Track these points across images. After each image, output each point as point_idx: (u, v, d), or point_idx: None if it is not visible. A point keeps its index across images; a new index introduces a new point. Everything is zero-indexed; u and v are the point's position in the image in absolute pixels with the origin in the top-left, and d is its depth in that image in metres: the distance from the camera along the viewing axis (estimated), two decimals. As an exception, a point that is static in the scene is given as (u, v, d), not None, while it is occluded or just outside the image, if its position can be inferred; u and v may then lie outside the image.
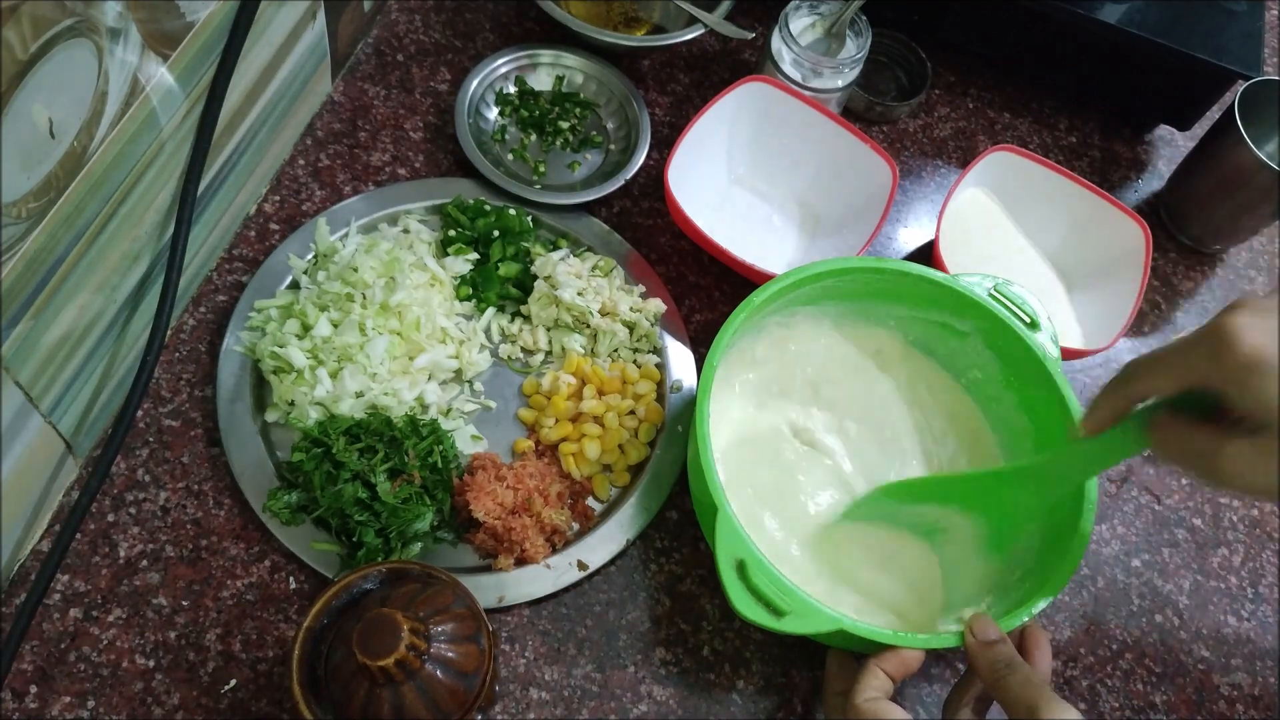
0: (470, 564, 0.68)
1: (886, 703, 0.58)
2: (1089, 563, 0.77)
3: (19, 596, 0.63)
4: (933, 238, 0.81)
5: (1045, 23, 0.91)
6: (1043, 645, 0.62)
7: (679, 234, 0.84)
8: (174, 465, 0.69)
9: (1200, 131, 0.94)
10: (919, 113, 0.97)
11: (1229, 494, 0.81)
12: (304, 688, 0.52)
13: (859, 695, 0.59)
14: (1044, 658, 0.62)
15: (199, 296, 0.75)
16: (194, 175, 0.65)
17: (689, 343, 0.79)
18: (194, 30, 0.60)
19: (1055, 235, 0.88)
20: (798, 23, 0.86)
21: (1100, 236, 0.85)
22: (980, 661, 0.58)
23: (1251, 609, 0.77)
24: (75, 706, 0.61)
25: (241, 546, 0.67)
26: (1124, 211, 0.83)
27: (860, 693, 0.59)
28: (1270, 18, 1.09)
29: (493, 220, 0.79)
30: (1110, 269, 0.84)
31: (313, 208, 0.80)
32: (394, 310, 0.71)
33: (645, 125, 0.86)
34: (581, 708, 0.66)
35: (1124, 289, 0.82)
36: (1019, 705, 0.55)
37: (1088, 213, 0.85)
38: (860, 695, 0.59)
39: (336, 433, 0.67)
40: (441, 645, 0.52)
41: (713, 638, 0.69)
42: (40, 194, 0.52)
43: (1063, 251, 0.88)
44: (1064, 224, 0.87)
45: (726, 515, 0.61)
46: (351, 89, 0.87)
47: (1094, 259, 0.86)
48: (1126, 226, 0.83)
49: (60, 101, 0.51)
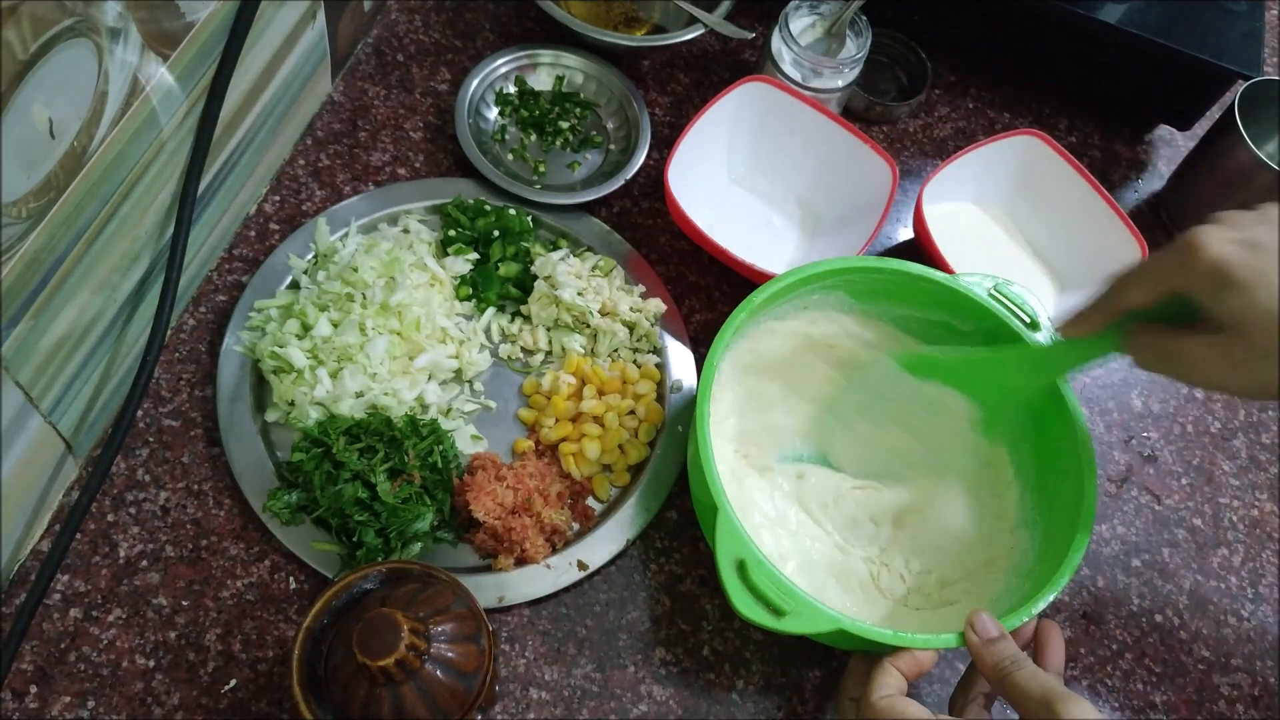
0: (470, 564, 0.68)
1: (903, 699, 0.58)
2: (1089, 563, 0.77)
3: (19, 596, 0.63)
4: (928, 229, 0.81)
5: (1045, 23, 0.91)
6: (1056, 639, 0.62)
7: (679, 234, 0.84)
8: (174, 465, 0.69)
9: (1200, 131, 0.94)
10: (919, 113, 0.97)
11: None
12: (304, 688, 0.52)
13: (874, 693, 0.58)
14: (1057, 652, 0.62)
15: (199, 296, 0.75)
16: (194, 175, 0.65)
17: (689, 343, 0.79)
18: (194, 30, 0.60)
19: (1049, 232, 0.88)
20: (798, 23, 0.86)
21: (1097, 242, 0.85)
22: (984, 659, 0.58)
23: (1251, 609, 0.77)
24: (75, 706, 0.61)
25: (241, 546, 0.67)
26: (1127, 225, 0.83)
27: (875, 690, 0.58)
28: (1270, 18, 1.09)
29: (493, 220, 0.79)
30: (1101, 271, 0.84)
31: (313, 208, 0.80)
32: (394, 310, 0.71)
33: (645, 125, 0.86)
34: (581, 708, 0.66)
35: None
36: (1031, 701, 0.54)
37: (1088, 218, 0.85)
38: (875, 693, 0.58)
39: (336, 433, 0.67)
40: (441, 645, 0.52)
41: (713, 638, 0.69)
42: (40, 194, 0.52)
43: (1056, 250, 0.88)
44: (1059, 223, 0.87)
45: (727, 515, 0.61)
46: (351, 89, 0.87)
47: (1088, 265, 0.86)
48: (1126, 240, 0.83)
49: (60, 101, 0.51)
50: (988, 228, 0.89)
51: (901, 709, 0.57)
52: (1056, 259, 0.88)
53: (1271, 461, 0.84)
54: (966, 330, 0.73)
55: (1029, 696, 0.54)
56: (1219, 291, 0.51)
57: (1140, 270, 0.56)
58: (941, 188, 0.85)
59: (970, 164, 0.86)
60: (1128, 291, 0.57)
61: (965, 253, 0.84)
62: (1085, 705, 0.53)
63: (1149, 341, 0.57)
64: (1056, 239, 0.88)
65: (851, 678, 0.63)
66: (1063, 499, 0.67)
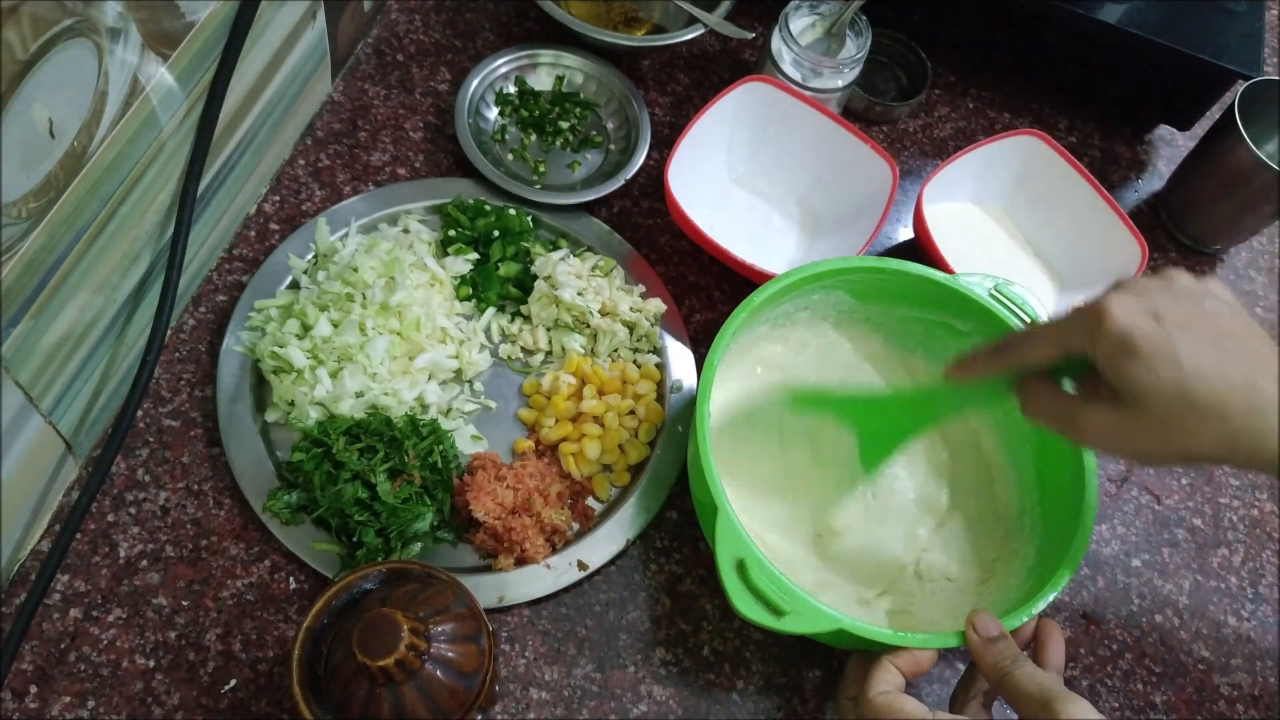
0: (470, 564, 0.68)
1: (900, 695, 0.58)
2: (1089, 563, 0.77)
3: (19, 596, 0.63)
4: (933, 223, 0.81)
5: (1045, 23, 0.91)
6: (1056, 639, 0.62)
7: (679, 234, 0.84)
8: (174, 465, 0.69)
9: (1200, 131, 0.94)
10: (919, 113, 0.97)
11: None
12: (304, 688, 0.52)
13: (872, 690, 0.58)
14: (1057, 652, 0.62)
15: (199, 296, 0.75)
16: (194, 175, 0.65)
17: (689, 343, 0.79)
18: (194, 30, 0.60)
19: (1049, 232, 0.88)
20: (798, 23, 0.86)
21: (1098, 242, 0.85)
22: (984, 658, 0.58)
23: (1251, 609, 0.77)
24: (75, 706, 0.61)
25: (241, 546, 0.67)
26: (1127, 225, 0.83)
27: (873, 687, 0.58)
28: (1270, 18, 1.09)
29: (493, 220, 0.79)
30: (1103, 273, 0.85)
31: (313, 208, 0.80)
32: (394, 310, 0.71)
33: (645, 125, 0.86)
34: (581, 708, 0.66)
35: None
36: (1030, 701, 0.54)
37: (1088, 218, 0.85)
38: (873, 690, 0.58)
39: (336, 433, 0.67)
40: (441, 645, 0.52)
41: (713, 638, 0.69)
42: (40, 194, 0.52)
43: (1056, 250, 0.88)
44: (1059, 222, 0.87)
45: (727, 515, 0.61)
46: (351, 89, 0.87)
47: (1088, 265, 0.86)
48: (1126, 240, 0.84)
49: (60, 101, 0.51)
50: (987, 227, 0.89)
51: (899, 705, 0.57)
52: (1056, 259, 0.88)
53: (1271, 461, 0.84)
54: (966, 331, 0.73)
55: (1028, 696, 0.55)
56: (1122, 360, 0.51)
57: (1044, 330, 0.56)
58: (941, 187, 0.85)
59: (970, 164, 0.86)
60: (1027, 348, 0.56)
61: (965, 252, 0.84)
62: (1084, 705, 0.53)
63: (1045, 400, 0.57)
64: (1056, 239, 0.88)
65: (850, 677, 0.63)
66: (1063, 499, 0.67)
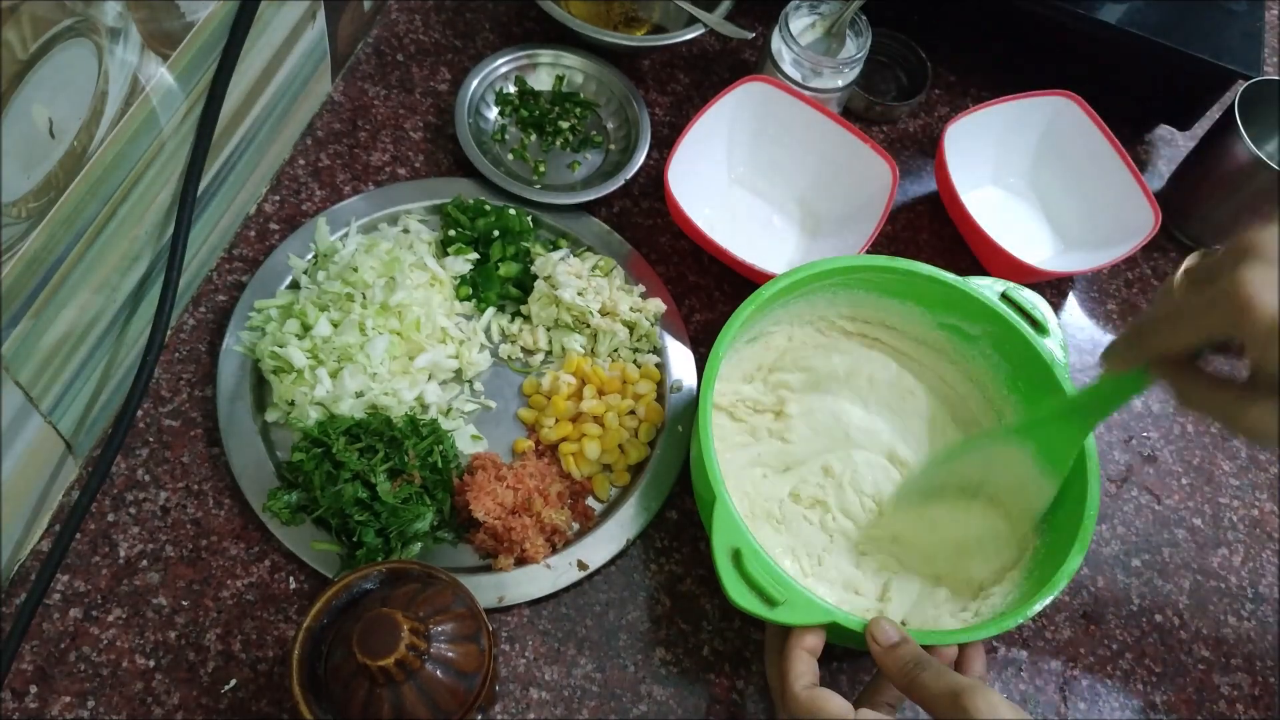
0: (470, 564, 0.68)
1: (823, 691, 0.57)
2: (1089, 563, 0.77)
3: (19, 596, 0.63)
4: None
5: (1045, 23, 0.91)
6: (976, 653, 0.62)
7: (679, 234, 0.84)
8: (174, 465, 0.69)
9: (1200, 131, 0.94)
10: (919, 113, 0.97)
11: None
12: (304, 688, 0.52)
13: (795, 683, 0.57)
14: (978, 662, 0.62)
15: (199, 296, 0.75)
16: (194, 175, 0.65)
17: (689, 343, 0.79)
18: (194, 30, 0.60)
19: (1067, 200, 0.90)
20: (798, 23, 0.86)
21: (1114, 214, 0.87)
22: (889, 665, 0.57)
23: (1251, 609, 0.77)
24: (75, 706, 0.61)
25: (241, 546, 0.67)
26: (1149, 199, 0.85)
27: (796, 680, 0.57)
28: (1270, 18, 1.09)
29: (493, 220, 0.79)
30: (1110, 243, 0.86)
31: (313, 208, 0.80)
32: (394, 310, 0.71)
33: (645, 125, 0.86)
34: (581, 708, 0.66)
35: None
36: (941, 700, 0.53)
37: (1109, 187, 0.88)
38: (796, 683, 0.57)
39: (336, 433, 0.67)
40: (441, 645, 0.52)
41: (713, 638, 0.69)
42: (40, 194, 0.52)
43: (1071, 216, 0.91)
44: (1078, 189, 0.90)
45: (724, 504, 0.61)
46: (351, 89, 0.87)
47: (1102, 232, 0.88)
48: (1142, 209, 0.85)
49: (60, 101, 0.51)
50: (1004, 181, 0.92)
51: (823, 703, 0.56)
52: (1070, 225, 0.90)
53: (1271, 461, 0.84)
54: (974, 335, 0.73)
55: (937, 695, 0.53)
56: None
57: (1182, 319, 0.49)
58: (966, 129, 0.87)
59: (997, 115, 0.88)
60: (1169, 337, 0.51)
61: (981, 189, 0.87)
62: (992, 694, 0.51)
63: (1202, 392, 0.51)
64: (1073, 204, 0.89)
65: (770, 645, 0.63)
66: (1063, 499, 0.67)
